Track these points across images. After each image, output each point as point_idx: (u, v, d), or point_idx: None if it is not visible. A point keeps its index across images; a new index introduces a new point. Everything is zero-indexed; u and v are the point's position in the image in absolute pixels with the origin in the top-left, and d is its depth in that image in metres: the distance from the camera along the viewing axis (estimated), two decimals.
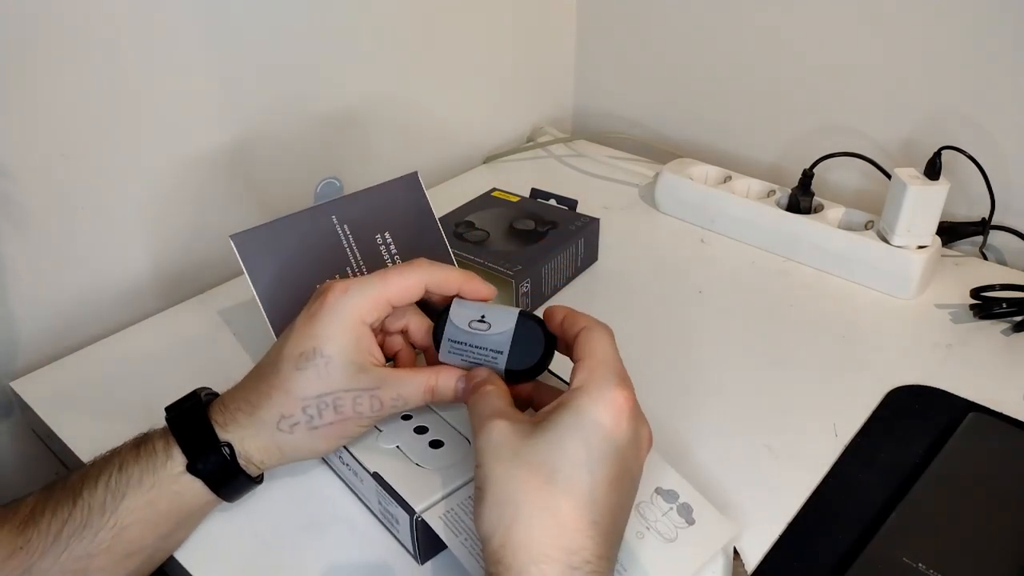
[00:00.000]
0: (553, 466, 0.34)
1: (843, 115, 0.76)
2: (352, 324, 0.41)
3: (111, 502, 0.39)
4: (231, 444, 0.41)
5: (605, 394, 0.36)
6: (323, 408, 0.40)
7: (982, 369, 0.56)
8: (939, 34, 0.68)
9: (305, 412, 0.40)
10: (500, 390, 0.39)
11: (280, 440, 0.41)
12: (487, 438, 0.36)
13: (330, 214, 0.53)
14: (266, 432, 0.41)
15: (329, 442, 0.42)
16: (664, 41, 0.86)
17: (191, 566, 0.43)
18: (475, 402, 0.39)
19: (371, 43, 0.73)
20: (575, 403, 0.36)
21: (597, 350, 0.38)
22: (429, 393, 0.41)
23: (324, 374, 0.40)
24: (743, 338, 0.60)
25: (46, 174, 0.56)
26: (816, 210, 0.69)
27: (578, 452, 0.34)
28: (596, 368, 0.37)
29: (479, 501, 0.35)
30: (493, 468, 0.35)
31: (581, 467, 0.34)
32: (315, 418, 0.40)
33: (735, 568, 0.42)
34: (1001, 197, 0.66)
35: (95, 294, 0.62)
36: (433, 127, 0.83)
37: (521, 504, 0.34)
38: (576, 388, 0.37)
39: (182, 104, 0.62)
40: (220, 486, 0.41)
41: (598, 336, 0.39)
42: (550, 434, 0.35)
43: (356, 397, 0.40)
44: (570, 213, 0.69)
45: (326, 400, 0.40)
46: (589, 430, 0.35)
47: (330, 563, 0.43)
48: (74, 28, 0.54)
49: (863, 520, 0.44)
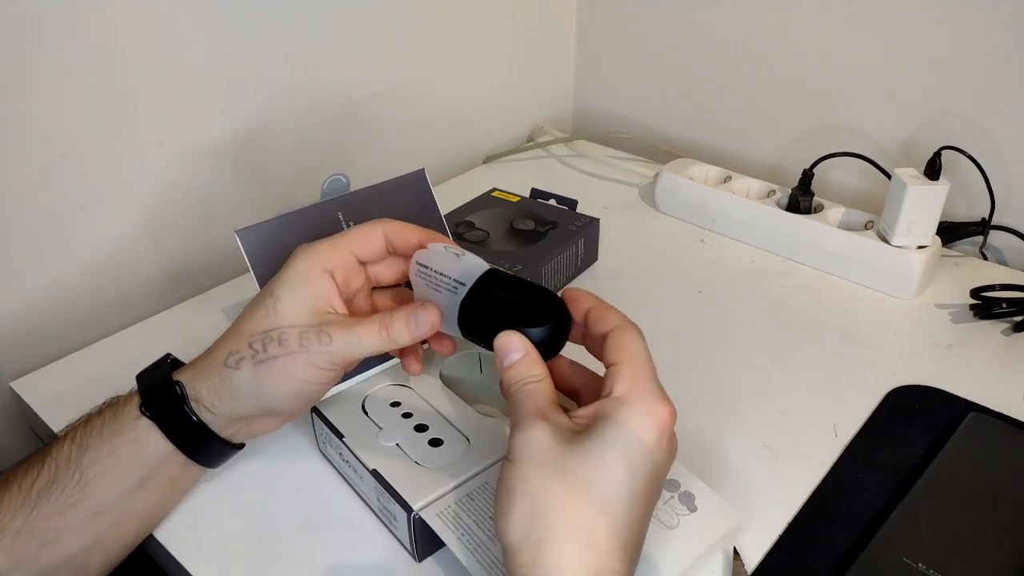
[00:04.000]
0: (593, 484, 0.33)
1: (843, 115, 0.76)
2: (307, 269, 0.41)
3: (76, 456, 0.39)
4: (182, 384, 0.41)
5: (650, 409, 0.35)
6: (268, 342, 0.39)
7: (982, 369, 0.56)
8: (939, 34, 0.68)
9: (251, 347, 0.40)
10: (546, 385, 0.37)
11: (228, 379, 0.40)
12: (526, 439, 0.35)
13: (336, 210, 0.53)
14: (215, 371, 0.40)
15: (277, 381, 0.40)
16: (664, 41, 0.86)
17: (191, 565, 0.43)
18: (519, 395, 0.37)
19: (370, 43, 0.73)
20: (618, 416, 0.34)
21: (637, 356, 0.37)
22: (384, 331, 0.40)
23: (272, 311, 0.40)
24: (743, 338, 0.60)
25: (47, 174, 0.56)
26: (816, 210, 0.69)
27: (619, 471, 0.33)
28: (638, 378, 0.36)
29: (507, 502, 0.34)
30: (529, 474, 0.34)
31: (622, 487, 0.33)
32: (260, 352, 0.39)
33: (735, 568, 0.42)
34: (1001, 197, 0.66)
35: (96, 294, 0.62)
36: (433, 127, 0.83)
37: (555, 520, 0.33)
38: (618, 398, 0.35)
39: (183, 103, 0.62)
40: (174, 430, 0.40)
41: (635, 339, 0.37)
42: (592, 447, 0.34)
43: (303, 332, 0.39)
44: (570, 213, 0.69)
45: (271, 335, 0.40)
46: (633, 448, 0.34)
47: (329, 561, 0.43)
48: (74, 27, 0.54)
49: (863, 520, 0.44)
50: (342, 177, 0.53)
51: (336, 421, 0.46)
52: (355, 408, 0.47)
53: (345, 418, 0.46)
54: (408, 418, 0.47)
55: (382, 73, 0.75)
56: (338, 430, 0.45)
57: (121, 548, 0.42)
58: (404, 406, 0.47)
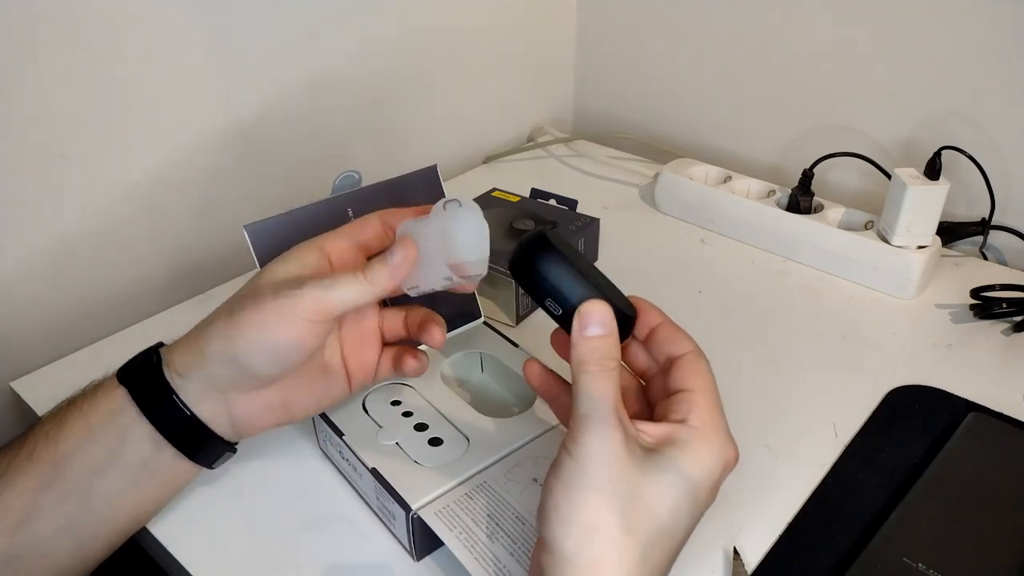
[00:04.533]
0: (658, 514, 0.33)
1: (843, 115, 0.76)
2: (300, 247, 0.41)
3: (54, 432, 0.39)
4: (159, 352, 0.40)
5: (723, 449, 0.35)
6: (243, 299, 0.39)
7: (982, 369, 0.56)
8: (939, 34, 0.68)
9: (228, 307, 0.39)
10: (619, 376, 0.35)
11: (200, 336, 0.39)
12: (600, 445, 0.32)
13: (345, 206, 0.52)
14: (192, 336, 0.40)
15: (246, 330, 0.37)
16: (664, 41, 0.86)
17: (191, 565, 0.43)
18: (598, 381, 0.34)
19: (370, 43, 0.73)
20: (694, 449, 0.34)
21: (711, 387, 0.36)
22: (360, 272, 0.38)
23: (256, 280, 0.40)
24: (743, 338, 0.60)
25: (46, 174, 0.56)
26: (816, 210, 0.69)
27: (685, 505, 0.33)
28: (714, 412, 0.35)
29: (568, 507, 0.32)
30: (599, 486, 0.32)
31: (681, 521, 0.33)
32: (235, 309, 0.38)
33: (735, 568, 0.42)
34: (1001, 197, 0.66)
35: (96, 294, 0.62)
36: (433, 127, 0.83)
37: (616, 545, 0.32)
38: (695, 428, 0.34)
39: (184, 101, 0.62)
40: (142, 392, 0.39)
41: (708, 369, 0.37)
42: (665, 476, 0.33)
43: (277, 284, 0.38)
44: (570, 213, 0.69)
45: (246, 294, 0.39)
46: (701, 484, 0.34)
47: (328, 561, 0.43)
48: (73, 25, 0.54)
49: (863, 520, 0.44)
50: (354, 173, 0.53)
51: (336, 419, 0.46)
52: (355, 406, 0.47)
53: (345, 416, 0.46)
54: (408, 417, 0.47)
55: (381, 73, 0.75)
56: (338, 428, 0.46)
57: (93, 539, 0.40)
58: (404, 405, 0.48)
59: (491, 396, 0.52)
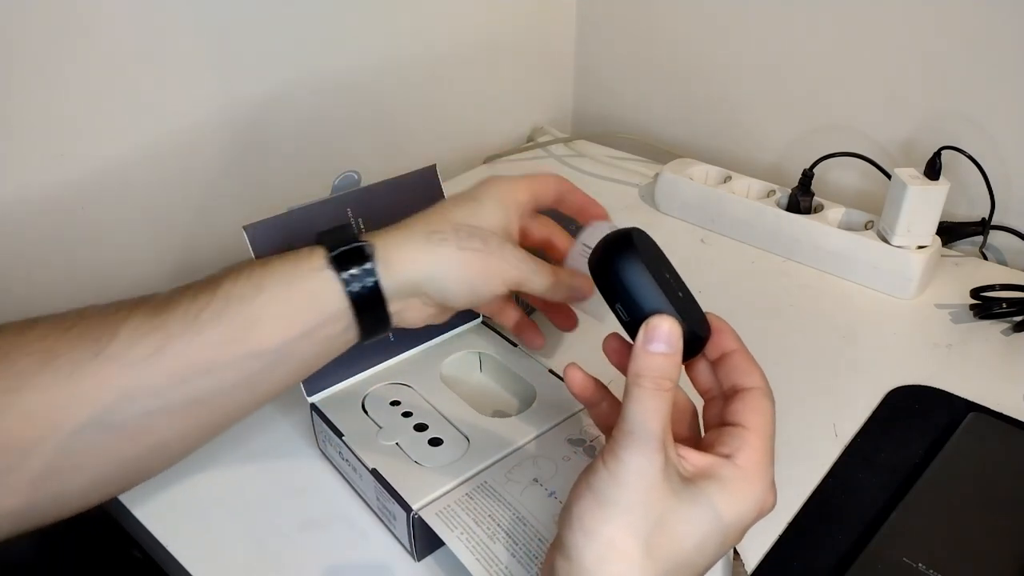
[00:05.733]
0: (684, 547, 0.32)
1: (843, 115, 0.76)
2: (504, 192, 0.45)
3: (251, 293, 0.39)
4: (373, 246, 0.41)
5: (762, 495, 0.34)
6: (472, 233, 0.42)
7: (982, 369, 0.56)
8: (939, 34, 0.68)
9: (456, 232, 0.42)
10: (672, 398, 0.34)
11: (429, 250, 0.41)
12: (643, 465, 0.32)
13: (345, 206, 0.52)
14: (414, 240, 0.42)
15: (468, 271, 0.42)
16: (664, 41, 0.86)
17: (191, 565, 0.43)
18: (653, 400, 0.33)
19: (370, 42, 0.73)
20: (735, 488, 0.33)
21: (769, 431, 0.35)
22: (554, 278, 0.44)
23: (476, 212, 0.43)
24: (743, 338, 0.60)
25: (46, 173, 0.56)
26: (816, 210, 0.69)
27: (713, 543, 0.33)
28: (765, 456, 0.34)
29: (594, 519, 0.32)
30: (630, 505, 0.32)
31: (706, 558, 0.33)
32: (464, 239, 0.42)
33: (735, 568, 0.42)
34: (1001, 197, 0.66)
35: (96, 294, 0.62)
36: (433, 127, 0.83)
37: (631, 570, 0.31)
38: (739, 468, 0.34)
39: (184, 100, 0.62)
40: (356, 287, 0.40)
41: (770, 409, 0.36)
42: (698, 510, 0.32)
43: (502, 242, 0.43)
44: None
45: (474, 230, 0.42)
46: (732, 525, 0.33)
47: (328, 561, 0.43)
48: (71, 24, 0.54)
49: (863, 520, 0.44)
50: (354, 174, 0.53)
51: (336, 420, 0.46)
52: (355, 407, 0.47)
53: (345, 417, 0.46)
54: (408, 417, 0.47)
55: (381, 73, 0.75)
56: (338, 429, 0.45)
57: (265, 393, 0.41)
58: (404, 405, 0.47)
59: (490, 396, 0.52)
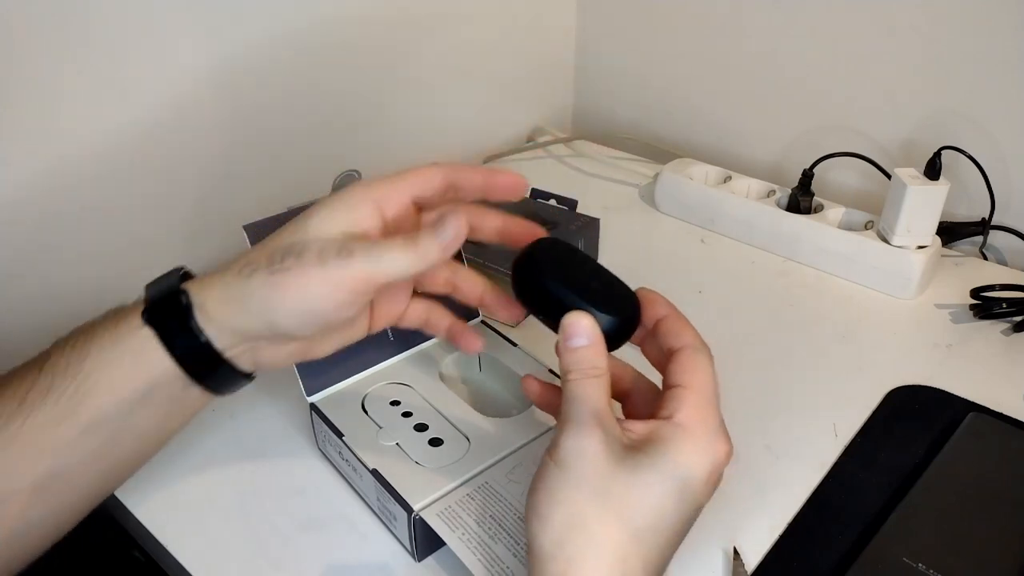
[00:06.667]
0: (637, 512, 0.32)
1: (843, 115, 0.76)
2: (352, 195, 0.38)
3: (75, 364, 0.37)
4: (188, 293, 0.37)
5: (710, 445, 0.34)
6: (286, 255, 0.36)
7: (982, 369, 0.56)
8: (939, 34, 0.68)
9: (269, 257, 0.37)
10: (606, 382, 0.35)
11: (237, 287, 0.37)
12: (579, 445, 0.33)
13: None
14: (226, 280, 0.37)
15: (287, 294, 0.36)
16: (664, 41, 0.86)
17: (191, 565, 0.43)
18: (579, 388, 0.34)
19: (369, 42, 0.73)
20: (678, 446, 0.33)
21: (705, 384, 0.35)
22: (410, 242, 0.36)
23: (300, 227, 0.37)
24: (743, 338, 0.60)
25: (45, 173, 0.56)
26: (816, 210, 0.69)
27: (667, 504, 0.33)
28: (703, 408, 0.35)
29: (546, 503, 0.33)
30: (575, 484, 0.33)
31: (665, 521, 0.33)
32: (275, 263, 0.36)
33: (735, 568, 0.42)
34: (1001, 197, 0.66)
35: (96, 294, 0.62)
36: (433, 127, 0.83)
37: (591, 542, 0.32)
38: (680, 425, 0.34)
39: (183, 100, 0.62)
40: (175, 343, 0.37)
41: (707, 364, 0.36)
42: (644, 474, 0.33)
43: (323, 246, 0.36)
44: (570, 213, 0.69)
45: (292, 248, 0.37)
46: (684, 483, 0.33)
47: (329, 561, 0.43)
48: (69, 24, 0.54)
49: (863, 520, 0.44)
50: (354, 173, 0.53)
51: (336, 420, 0.46)
52: (355, 407, 0.47)
53: (345, 417, 0.46)
54: (408, 417, 0.47)
55: (381, 73, 0.75)
56: (338, 429, 0.45)
57: (116, 467, 0.39)
58: (404, 405, 0.47)
59: (490, 396, 0.52)
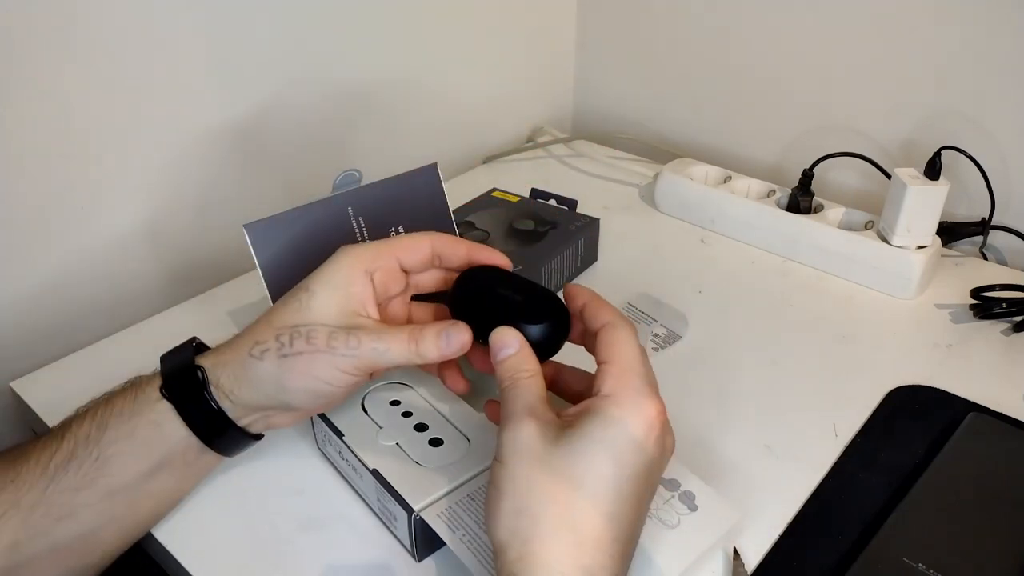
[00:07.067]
0: (580, 480, 0.33)
1: (843, 115, 0.76)
2: (347, 268, 0.41)
3: (95, 433, 0.39)
4: (204, 369, 0.40)
5: (636, 406, 0.35)
6: (295, 337, 0.39)
7: (982, 369, 0.56)
8: (939, 34, 0.68)
9: (278, 339, 0.39)
10: (537, 381, 0.37)
11: (250, 368, 0.40)
12: (514, 436, 0.35)
13: (346, 205, 0.52)
14: (239, 359, 0.40)
15: (298, 377, 0.39)
16: (664, 41, 0.86)
17: (191, 565, 0.43)
18: (510, 390, 0.37)
19: (369, 43, 0.73)
20: (605, 413, 0.35)
21: (625, 353, 0.37)
22: (413, 343, 0.39)
23: (304, 306, 0.40)
24: (743, 338, 0.60)
25: (46, 173, 0.56)
26: (816, 210, 0.69)
27: (606, 468, 0.33)
28: (625, 375, 0.36)
29: (495, 501, 0.34)
30: (516, 471, 0.34)
31: (608, 483, 0.33)
32: (285, 345, 0.39)
33: (735, 568, 0.42)
34: (1001, 197, 0.66)
35: (96, 294, 0.62)
36: (433, 127, 0.83)
37: (541, 517, 0.33)
38: (606, 396, 0.35)
39: (184, 99, 0.62)
40: (192, 416, 0.40)
41: (625, 336, 0.37)
42: (579, 444, 0.34)
43: (332, 332, 0.39)
44: (570, 213, 0.69)
45: (300, 330, 0.39)
46: (619, 444, 0.34)
47: (329, 561, 0.43)
48: (71, 23, 0.54)
49: (863, 520, 0.44)
50: (355, 172, 0.53)
51: (336, 420, 0.46)
52: (355, 407, 0.47)
53: (345, 417, 0.46)
54: (408, 417, 0.47)
55: (381, 73, 0.75)
56: (338, 429, 0.45)
57: (135, 528, 0.42)
58: (404, 405, 0.47)
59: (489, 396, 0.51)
